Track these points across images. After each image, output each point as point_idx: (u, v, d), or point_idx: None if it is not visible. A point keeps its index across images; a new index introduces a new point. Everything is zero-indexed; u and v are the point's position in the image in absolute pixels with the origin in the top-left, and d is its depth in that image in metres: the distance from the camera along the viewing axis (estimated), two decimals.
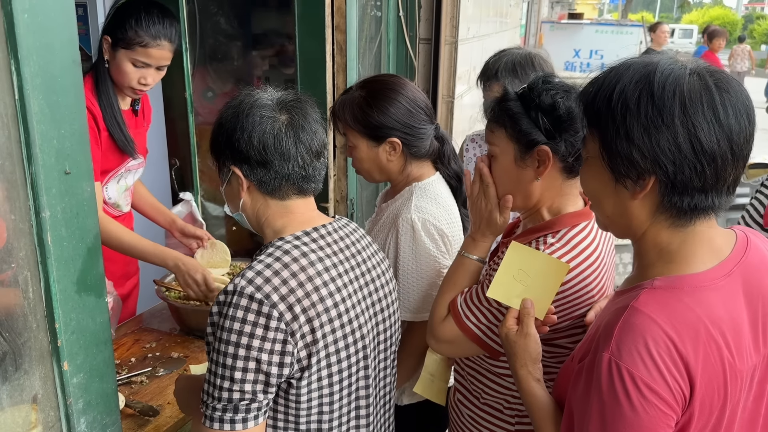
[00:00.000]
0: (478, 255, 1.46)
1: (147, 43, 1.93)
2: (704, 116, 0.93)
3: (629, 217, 1.03)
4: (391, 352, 1.40)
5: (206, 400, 1.16)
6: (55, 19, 0.90)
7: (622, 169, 0.98)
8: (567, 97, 1.35)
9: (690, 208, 0.98)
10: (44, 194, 0.91)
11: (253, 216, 1.30)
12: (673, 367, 0.94)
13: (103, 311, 1.05)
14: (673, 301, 0.98)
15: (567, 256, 1.35)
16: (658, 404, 0.94)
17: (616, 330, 0.97)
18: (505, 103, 1.39)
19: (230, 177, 1.28)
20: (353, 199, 2.56)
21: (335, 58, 2.33)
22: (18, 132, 0.88)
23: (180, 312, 2.06)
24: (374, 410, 1.36)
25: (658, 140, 0.94)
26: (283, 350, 1.14)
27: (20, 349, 0.96)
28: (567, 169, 1.37)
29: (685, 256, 1.01)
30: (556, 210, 1.40)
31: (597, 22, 12.68)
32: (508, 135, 1.38)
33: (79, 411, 1.02)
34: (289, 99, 1.26)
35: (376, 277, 1.35)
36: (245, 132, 1.21)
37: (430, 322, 1.47)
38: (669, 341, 0.94)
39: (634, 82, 0.96)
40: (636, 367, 0.93)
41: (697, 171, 0.94)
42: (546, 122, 1.34)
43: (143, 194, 2.35)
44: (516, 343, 1.24)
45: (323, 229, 1.29)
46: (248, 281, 1.14)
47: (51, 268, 0.94)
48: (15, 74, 0.86)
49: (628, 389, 0.93)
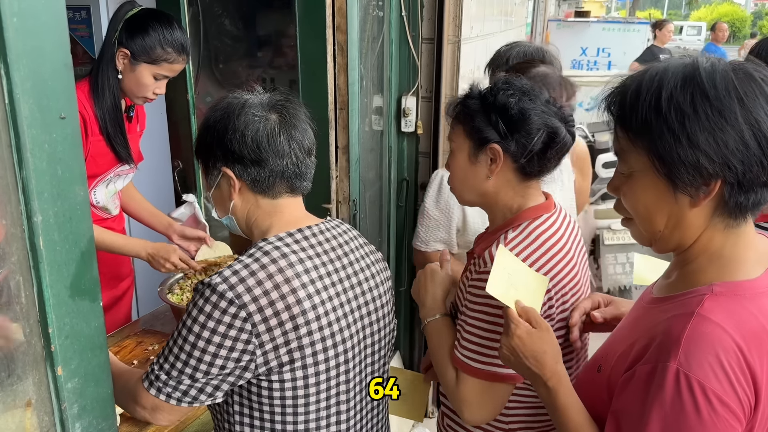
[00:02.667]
0: (439, 312, 1.45)
1: (174, 59, 1.99)
2: (763, 109, 0.91)
3: (685, 227, 0.99)
4: (382, 356, 1.39)
5: (156, 365, 1.22)
6: (46, 23, 0.89)
7: (687, 177, 0.94)
8: (522, 98, 1.35)
9: (753, 204, 0.96)
10: (36, 198, 0.91)
11: (243, 218, 1.31)
12: (742, 378, 0.92)
13: (98, 315, 1.04)
14: (738, 308, 0.95)
15: (529, 248, 1.35)
16: (727, 417, 0.91)
17: (684, 339, 0.93)
18: (467, 100, 1.42)
19: (220, 180, 1.28)
20: (356, 200, 2.55)
21: (336, 58, 2.32)
22: (8, 136, 0.87)
23: (183, 314, 2.06)
24: (357, 414, 1.34)
25: (726, 141, 0.91)
26: (243, 349, 1.16)
27: (13, 354, 0.96)
28: (521, 170, 1.38)
29: (737, 260, 0.99)
30: (517, 209, 1.41)
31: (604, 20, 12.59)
32: (465, 132, 1.40)
33: (74, 416, 1.02)
34: (278, 99, 1.28)
35: (370, 276, 1.34)
36: (237, 132, 1.22)
37: (448, 393, 1.40)
38: (738, 351, 0.92)
39: (680, 86, 0.92)
40: (708, 380, 0.90)
41: (763, 166, 0.92)
42: (500, 121, 1.35)
43: (138, 200, 2.36)
44: (542, 339, 1.15)
45: (308, 231, 1.29)
46: (223, 279, 1.17)
47: (44, 273, 0.93)
48: (4, 78, 0.85)
49: (698, 402, 0.90)
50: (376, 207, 3.05)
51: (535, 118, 1.34)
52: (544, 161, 1.38)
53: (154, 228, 2.34)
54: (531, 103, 1.35)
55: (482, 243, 1.45)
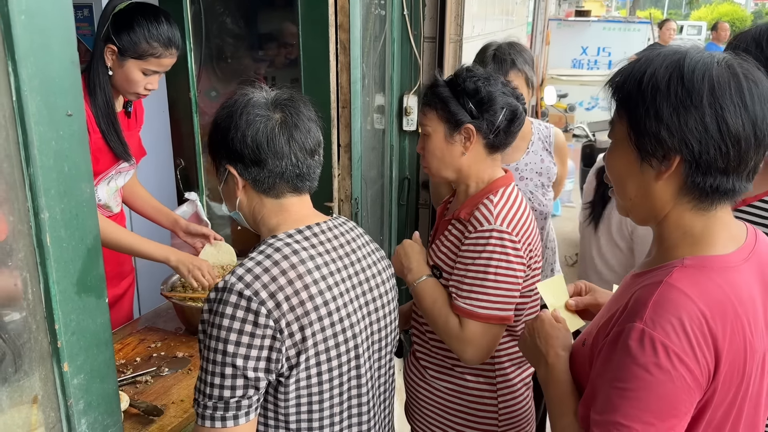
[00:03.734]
0: (423, 275, 1.66)
1: (161, 53, 1.95)
2: (731, 100, 0.97)
3: (653, 199, 1.06)
4: (387, 352, 1.40)
5: (198, 397, 1.17)
6: (53, 20, 0.90)
7: (649, 147, 1.01)
8: (487, 83, 1.59)
9: (712, 189, 1.01)
10: (43, 195, 0.91)
11: (250, 214, 1.31)
12: (703, 343, 0.97)
13: (104, 312, 1.04)
14: (705, 279, 1.01)
15: (513, 209, 1.59)
16: (686, 376, 0.97)
17: (651, 304, 0.99)
18: (436, 88, 1.63)
19: (227, 176, 1.28)
20: (358, 198, 2.56)
21: (339, 57, 2.32)
22: (16, 133, 0.88)
23: (185, 311, 2.07)
24: (372, 411, 1.35)
25: (686, 120, 0.97)
26: (271, 346, 1.15)
27: (20, 351, 0.96)
28: (489, 145, 1.62)
29: (709, 238, 1.05)
30: (488, 178, 1.65)
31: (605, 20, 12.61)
32: (439, 116, 1.61)
33: (80, 412, 1.02)
34: (283, 98, 1.27)
35: (371, 276, 1.34)
36: (239, 131, 1.22)
37: (452, 338, 1.59)
38: (702, 317, 0.98)
39: (664, 67, 1.00)
40: (669, 339, 0.96)
41: (721, 152, 0.98)
42: (470, 104, 1.57)
43: (143, 196, 2.35)
44: (559, 329, 1.28)
45: (317, 228, 1.29)
46: (238, 278, 1.16)
47: (50, 270, 0.94)
48: (12, 75, 0.85)
49: (659, 357, 0.96)
50: (377, 205, 3.06)
51: (500, 99, 1.59)
52: (508, 135, 1.62)
53: (160, 223, 2.34)
54: (494, 87, 1.59)
55: (465, 208, 1.63)
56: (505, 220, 1.57)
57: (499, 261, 1.54)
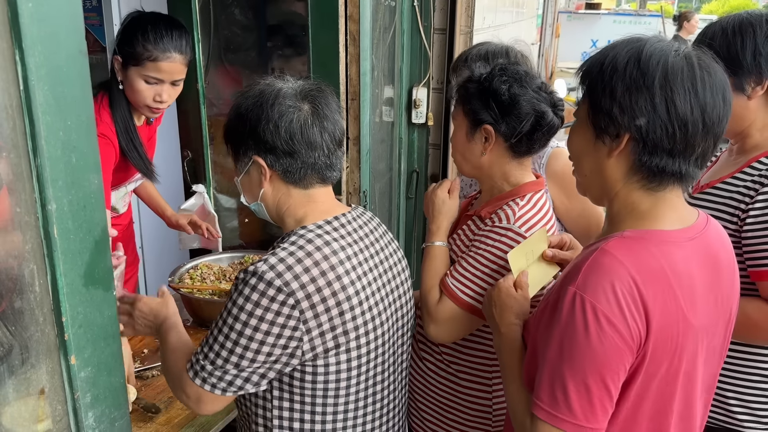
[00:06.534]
0: (441, 240, 1.62)
1: (156, 57, 1.87)
2: (682, 84, 1.02)
3: (604, 177, 1.12)
4: (407, 339, 1.44)
5: (200, 354, 1.21)
6: (61, 8, 0.88)
7: (603, 124, 1.07)
8: (518, 85, 1.50)
9: (659, 169, 1.06)
10: (50, 186, 0.90)
11: (274, 206, 1.31)
12: (633, 307, 1.02)
13: (111, 305, 1.04)
14: (640, 248, 1.07)
15: (537, 216, 1.54)
16: (615, 337, 1.02)
17: (584, 267, 1.05)
18: (468, 83, 1.58)
19: (250, 167, 1.27)
20: (366, 191, 2.54)
21: (348, 48, 2.30)
22: (23, 123, 0.87)
23: (193, 303, 2.06)
24: (392, 394, 1.39)
25: (637, 99, 1.03)
26: (291, 336, 1.16)
27: (27, 343, 0.96)
28: (512, 149, 1.54)
29: (654, 216, 1.10)
30: (515, 182, 1.58)
31: (615, 12, 12.49)
32: (464, 112, 1.57)
33: (87, 405, 1.02)
34: (311, 88, 1.28)
35: (393, 264, 1.38)
36: (271, 122, 1.22)
37: (426, 308, 1.56)
38: (633, 283, 1.02)
39: (625, 51, 1.07)
40: (598, 301, 1.02)
41: (667, 132, 1.03)
42: (492, 105, 1.50)
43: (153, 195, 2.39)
44: (515, 299, 1.34)
45: (343, 218, 1.31)
46: (270, 267, 1.17)
47: (57, 262, 0.93)
48: (19, 64, 0.84)
49: (588, 319, 1.02)
50: (385, 198, 3.04)
51: (525, 104, 1.50)
52: (531, 142, 1.54)
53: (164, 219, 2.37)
54: (522, 89, 1.50)
55: (488, 207, 1.58)
56: (525, 225, 1.52)
57: (504, 261, 1.49)
